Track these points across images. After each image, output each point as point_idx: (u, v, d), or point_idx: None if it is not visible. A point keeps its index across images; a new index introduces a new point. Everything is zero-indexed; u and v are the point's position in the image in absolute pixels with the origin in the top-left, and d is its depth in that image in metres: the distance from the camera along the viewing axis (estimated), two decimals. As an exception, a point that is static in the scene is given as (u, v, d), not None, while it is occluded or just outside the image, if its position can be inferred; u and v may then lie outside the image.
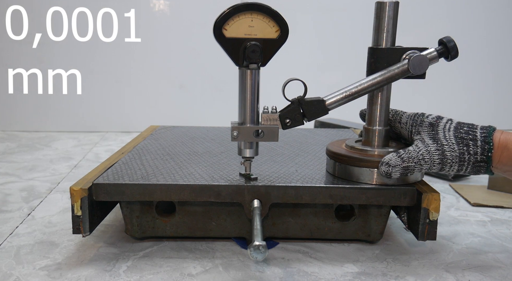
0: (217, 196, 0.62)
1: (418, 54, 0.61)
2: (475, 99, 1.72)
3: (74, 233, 0.60)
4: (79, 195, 0.59)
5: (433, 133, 0.60)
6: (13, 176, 1.02)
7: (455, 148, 0.58)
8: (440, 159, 0.58)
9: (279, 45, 0.59)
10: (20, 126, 1.55)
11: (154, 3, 1.53)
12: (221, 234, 0.67)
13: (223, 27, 0.57)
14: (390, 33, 0.64)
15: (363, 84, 0.62)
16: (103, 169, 0.67)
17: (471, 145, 0.58)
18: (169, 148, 0.81)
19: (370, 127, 0.65)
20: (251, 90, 0.60)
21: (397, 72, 0.62)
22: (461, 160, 0.58)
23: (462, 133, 0.59)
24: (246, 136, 0.61)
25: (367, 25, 0.68)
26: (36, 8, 1.47)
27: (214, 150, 0.81)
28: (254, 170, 0.66)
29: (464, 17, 1.65)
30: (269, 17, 0.58)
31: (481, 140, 0.58)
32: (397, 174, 0.59)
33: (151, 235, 0.67)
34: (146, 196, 0.62)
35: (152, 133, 0.94)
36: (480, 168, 0.59)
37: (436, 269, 0.61)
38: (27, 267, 0.60)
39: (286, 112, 0.61)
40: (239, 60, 0.59)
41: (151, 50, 1.55)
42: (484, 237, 0.73)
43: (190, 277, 0.58)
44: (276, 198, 0.61)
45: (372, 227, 0.67)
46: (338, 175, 0.65)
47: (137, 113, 1.59)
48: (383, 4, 0.63)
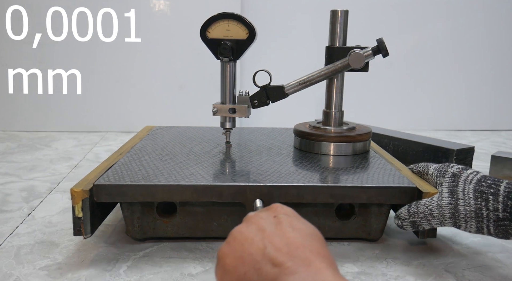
0: (219, 196, 0.62)
1: (356, 52, 0.75)
2: (475, 99, 1.72)
3: (75, 234, 0.59)
4: (80, 197, 0.58)
5: (453, 185, 0.57)
6: (13, 176, 1.02)
7: (471, 202, 0.54)
8: (451, 214, 0.55)
9: (248, 44, 0.75)
10: (20, 126, 1.55)
11: (154, 3, 1.53)
12: (222, 234, 0.67)
13: (207, 30, 0.74)
14: (341, 35, 0.79)
15: (314, 75, 0.78)
16: (103, 170, 0.67)
17: (490, 200, 0.53)
18: (167, 148, 0.81)
19: (329, 110, 0.82)
20: (228, 78, 0.78)
21: (340, 66, 0.77)
22: (477, 216, 0.53)
23: (483, 186, 0.54)
24: (223, 112, 0.78)
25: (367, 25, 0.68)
26: (36, 8, 1.47)
27: (213, 150, 0.81)
28: (254, 169, 0.68)
29: (464, 17, 1.65)
30: (241, 23, 0.74)
31: (504, 195, 0.52)
32: (408, 227, 0.60)
33: (152, 236, 0.67)
34: (148, 196, 0.62)
35: (148, 134, 0.93)
36: (506, 227, 0.52)
37: (436, 269, 0.61)
38: (27, 267, 0.60)
39: (254, 95, 0.79)
40: (217, 56, 0.76)
41: (151, 50, 1.55)
42: (484, 237, 0.72)
43: (190, 277, 0.58)
44: (278, 198, 0.62)
45: (373, 226, 0.67)
46: (302, 149, 0.81)
47: (137, 113, 1.59)
48: (336, 12, 0.79)
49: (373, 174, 0.68)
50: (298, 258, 0.36)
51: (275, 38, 1.59)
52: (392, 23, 1.63)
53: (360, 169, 0.71)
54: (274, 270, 0.36)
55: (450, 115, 1.71)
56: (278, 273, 0.36)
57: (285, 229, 0.39)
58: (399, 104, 1.70)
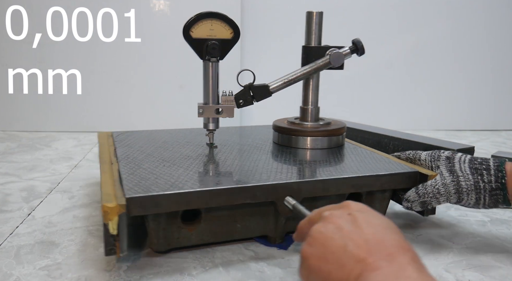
0: (253, 196, 0.61)
1: (336, 51, 0.79)
2: (475, 99, 1.72)
3: (108, 254, 0.53)
4: (116, 212, 0.52)
5: (450, 166, 0.66)
6: (13, 176, 1.02)
7: (469, 177, 0.63)
8: (455, 189, 0.63)
9: (233, 43, 0.74)
10: (20, 126, 1.55)
11: (154, 3, 1.53)
12: (245, 235, 0.66)
13: (190, 30, 0.72)
14: (317, 35, 0.82)
15: (297, 73, 0.80)
16: (114, 182, 0.61)
17: (485, 174, 0.62)
18: (155, 153, 0.76)
19: (305, 107, 0.85)
20: (212, 78, 0.76)
21: (321, 64, 0.80)
22: (477, 188, 0.62)
23: (476, 164, 0.64)
24: (209, 113, 0.77)
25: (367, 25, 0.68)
26: (36, 8, 1.47)
27: (204, 152, 0.78)
28: (265, 167, 0.69)
29: (464, 17, 1.65)
30: (225, 22, 0.73)
31: (494, 169, 0.62)
32: (418, 208, 0.67)
33: (176, 246, 0.63)
34: (183, 205, 0.58)
35: (116, 140, 0.85)
36: (497, 196, 0.62)
37: (436, 269, 0.61)
38: (27, 267, 0.60)
39: (239, 95, 0.78)
40: (203, 56, 0.74)
41: (151, 50, 1.55)
42: (484, 237, 0.73)
43: (190, 277, 0.58)
44: (306, 192, 0.64)
45: (377, 210, 0.68)
46: (281, 143, 0.84)
47: (137, 113, 1.59)
48: (311, 13, 0.81)
49: (374, 164, 0.73)
50: (379, 253, 0.37)
51: (275, 38, 1.59)
52: (392, 23, 1.63)
53: (358, 161, 0.75)
54: (357, 265, 0.37)
55: (450, 115, 1.71)
56: (361, 269, 0.37)
57: (362, 226, 0.40)
58: (399, 104, 1.70)
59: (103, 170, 0.67)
